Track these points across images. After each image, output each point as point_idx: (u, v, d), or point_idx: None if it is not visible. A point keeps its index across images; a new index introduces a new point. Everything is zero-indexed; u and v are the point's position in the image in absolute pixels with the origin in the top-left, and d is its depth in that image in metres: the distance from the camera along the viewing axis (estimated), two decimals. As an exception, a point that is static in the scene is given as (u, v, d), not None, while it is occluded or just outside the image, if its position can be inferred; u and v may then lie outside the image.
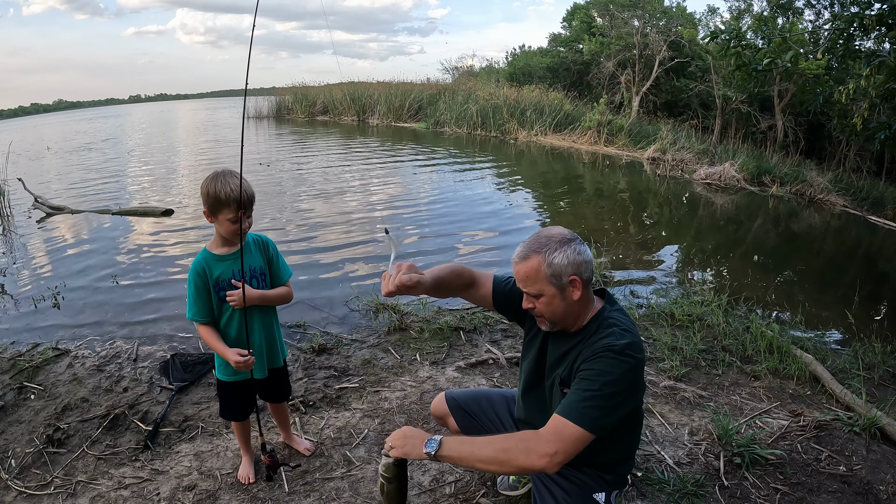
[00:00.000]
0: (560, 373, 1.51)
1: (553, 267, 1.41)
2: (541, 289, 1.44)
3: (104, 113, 43.65)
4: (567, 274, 1.42)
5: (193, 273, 1.85)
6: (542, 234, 1.47)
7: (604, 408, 1.34)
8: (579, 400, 1.35)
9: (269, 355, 2.02)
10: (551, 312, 1.47)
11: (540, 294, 1.44)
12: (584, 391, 1.36)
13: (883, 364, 3.28)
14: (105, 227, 6.38)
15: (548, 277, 1.42)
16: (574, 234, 1.47)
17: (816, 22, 13.14)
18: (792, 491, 2.09)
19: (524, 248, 1.46)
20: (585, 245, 1.46)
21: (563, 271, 1.41)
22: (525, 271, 1.44)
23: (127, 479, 2.15)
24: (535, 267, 1.42)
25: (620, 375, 1.36)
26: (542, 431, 1.34)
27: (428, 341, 3.37)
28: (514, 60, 23.19)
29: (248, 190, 1.82)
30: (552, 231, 1.47)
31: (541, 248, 1.43)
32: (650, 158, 12.01)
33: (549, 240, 1.44)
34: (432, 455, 1.36)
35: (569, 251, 1.42)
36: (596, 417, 1.33)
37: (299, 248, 5.55)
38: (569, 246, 1.43)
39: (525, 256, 1.45)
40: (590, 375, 1.37)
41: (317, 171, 10.04)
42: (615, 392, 1.35)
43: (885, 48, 4.60)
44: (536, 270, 1.42)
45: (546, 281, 1.42)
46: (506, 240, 5.91)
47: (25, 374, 2.96)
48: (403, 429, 1.46)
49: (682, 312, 3.76)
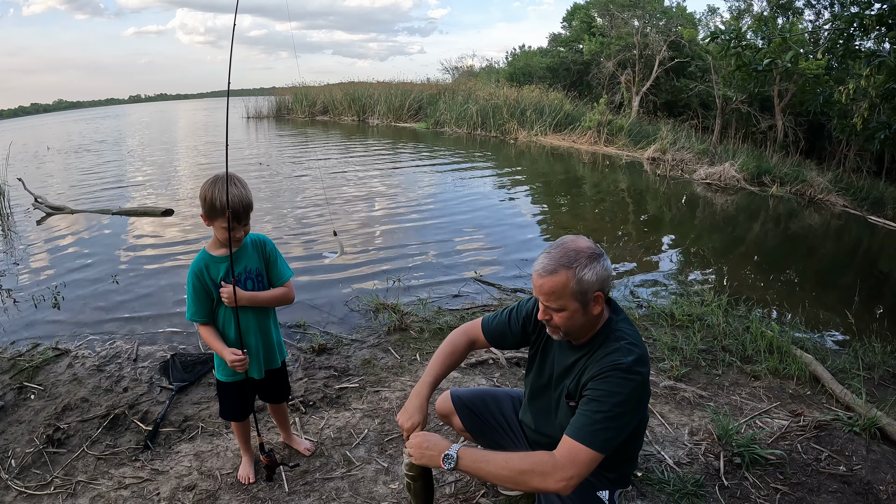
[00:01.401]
0: (567, 384, 1.51)
1: (582, 284, 1.37)
2: (564, 304, 1.40)
3: (104, 113, 43.64)
4: (593, 290, 1.39)
5: (192, 274, 1.86)
6: (570, 246, 1.41)
7: (614, 428, 1.35)
8: (590, 423, 1.35)
9: (265, 356, 2.02)
10: (569, 326, 1.44)
11: (562, 309, 1.41)
12: (594, 413, 1.36)
13: (883, 364, 3.28)
14: (105, 227, 6.38)
15: (574, 294, 1.38)
16: (599, 247, 1.44)
17: (816, 22, 13.16)
18: (792, 491, 2.09)
19: (551, 262, 1.40)
20: (608, 258, 1.44)
21: (590, 288, 1.38)
22: (551, 286, 1.39)
23: (127, 479, 2.15)
24: (562, 283, 1.38)
25: (629, 394, 1.37)
26: (557, 456, 1.35)
27: (428, 341, 3.37)
28: (514, 60, 23.20)
29: (244, 198, 1.79)
30: (580, 244, 1.41)
31: (570, 264, 1.37)
32: (650, 158, 12.02)
33: (579, 254, 1.38)
34: (450, 469, 1.38)
35: (598, 267, 1.38)
36: (607, 439, 1.35)
37: (299, 248, 5.55)
38: (598, 262, 1.38)
39: (553, 271, 1.39)
40: (599, 396, 1.37)
41: (317, 171, 10.04)
42: (624, 412, 1.36)
43: (885, 48, 4.60)
44: (564, 286, 1.38)
45: (571, 297, 1.38)
46: (505, 240, 5.91)
47: (25, 374, 2.96)
48: (421, 435, 1.45)
49: (682, 312, 3.76)
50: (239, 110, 23.26)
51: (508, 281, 4.56)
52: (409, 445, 1.44)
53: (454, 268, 4.94)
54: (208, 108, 38.34)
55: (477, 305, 3.98)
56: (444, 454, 1.38)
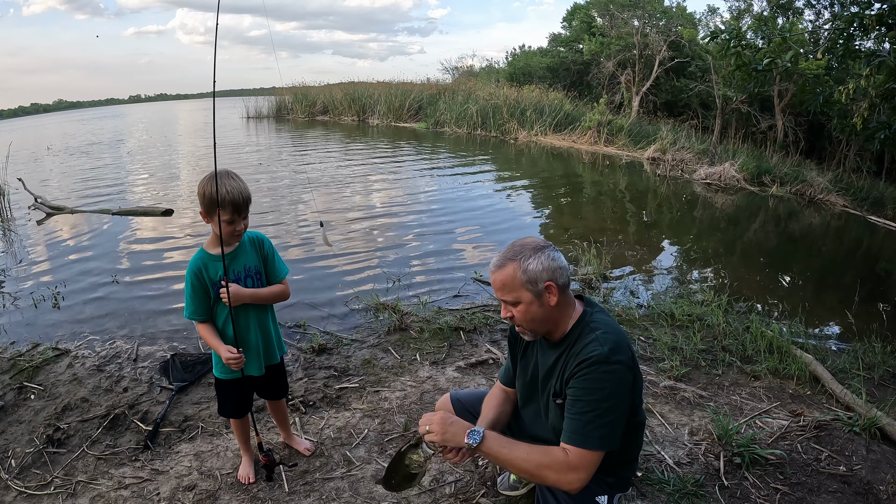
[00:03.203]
0: (553, 384, 1.53)
1: (528, 273, 1.44)
2: (517, 296, 1.47)
3: (104, 113, 43.62)
4: (542, 280, 1.45)
5: (190, 272, 1.86)
6: (517, 243, 1.51)
7: (608, 423, 1.39)
8: (583, 425, 1.38)
9: (265, 352, 2.03)
10: (529, 320, 1.49)
11: (517, 301, 1.47)
12: (583, 413, 1.38)
13: (883, 364, 3.28)
14: (105, 227, 6.38)
15: (524, 284, 1.45)
16: (547, 241, 1.52)
17: (816, 22, 13.14)
18: (792, 491, 2.09)
19: (499, 258, 1.50)
20: (559, 252, 1.51)
21: (538, 277, 1.44)
22: (501, 279, 1.48)
23: (127, 479, 2.15)
24: (510, 274, 1.46)
25: (613, 386, 1.39)
26: (571, 460, 1.38)
27: (428, 341, 3.37)
28: (514, 60, 23.20)
29: (244, 190, 1.82)
30: (526, 240, 1.52)
31: (515, 256, 1.47)
32: (650, 158, 12.01)
33: (524, 248, 1.48)
34: (472, 447, 1.41)
35: (542, 257, 1.46)
36: (604, 435, 1.38)
37: (299, 247, 5.55)
38: (542, 252, 1.46)
39: (500, 265, 1.48)
40: (583, 395, 1.40)
41: (316, 171, 10.03)
42: (613, 405, 1.39)
43: (885, 48, 4.60)
44: (512, 278, 1.46)
45: (522, 287, 1.45)
46: (505, 240, 5.88)
47: (25, 374, 2.96)
48: (441, 415, 1.48)
49: (682, 312, 3.76)
50: (239, 110, 23.27)
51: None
52: (431, 422, 1.46)
53: (454, 268, 4.94)
54: (208, 109, 38.27)
55: (477, 305, 3.98)
56: (469, 430, 1.42)
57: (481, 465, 2.23)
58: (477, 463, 2.24)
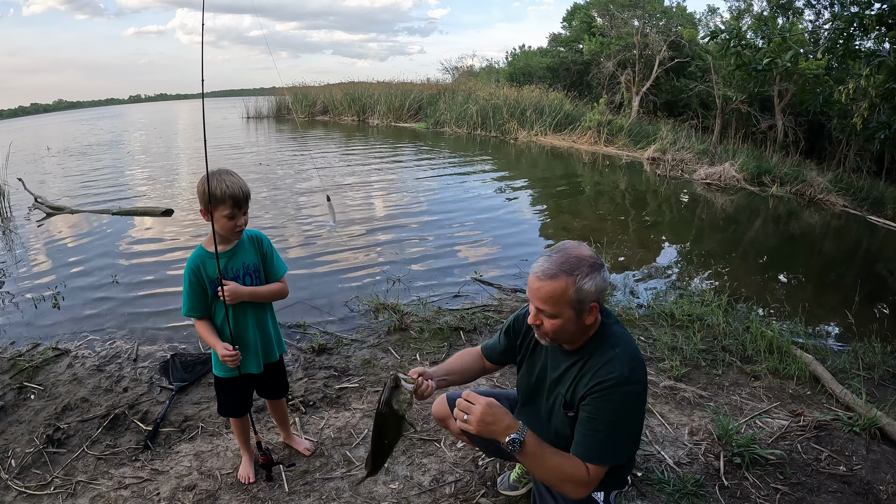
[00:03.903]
0: (563, 392, 1.48)
1: (580, 293, 1.34)
2: (559, 311, 1.36)
3: (104, 113, 43.61)
4: (590, 301, 1.36)
5: (188, 270, 1.87)
6: (572, 252, 1.38)
7: (626, 440, 1.40)
8: (600, 441, 1.37)
9: (264, 350, 2.03)
10: (558, 332, 1.41)
11: (556, 316, 1.37)
12: (603, 431, 1.37)
13: (883, 364, 3.28)
14: (105, 227, 6.38)
15: (571, 302, 1.35)
16: (599, 256, 1.42)
17: (816, 22, 13.14)
18: (792, 491, 2.09)
19: (551, 266, 1.36)
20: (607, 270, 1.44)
21: (587, 298, 1.35)
22: (549, 291, 1.35)
23: (127, 479, 2.15)
24: (560, 289, 1.34)
25: (634, 405, 1.40)
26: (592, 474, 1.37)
27: (428, 341, 3.37)
28: (514, 60, 23.19)
29: (243, 185, 1.84)
30: (582, 252, 1.38)
31: (572, 271, 1.34)
32: (650, 158, 12.01)
33: (580, 262, 1.36)
34: (510, 450, 1.35)
35: (598, 278, 1.36)
36: (620, 451, 1.39)
37: (299, 247, 5.55)
38: (598, 273, 1.36)
39: (552, 275, 1.35)
40: (604, 415, 1.37)
41: (316, 171, 10.03)
42: (632, 423, 1.41)
43: (885, 48, 4.60)
44: (562, 293, 1.34)
45: (567, 305, 1.35)
46: (505, 240, 5.91)
47: (25, 374, 2.96)
48: (488, 402, 1.34)
49: (682, 312, 3.76)
50: (239, 110, 23.27)
51: (508, 281, 4.56)
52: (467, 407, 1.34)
53: (454, 268, 4.94)
54: (208, 108, 38.28)
55: (477, 305, 3.98)
56: (510, 437, 1.32)
57: (481, 464, 2.23)
58: (477, 463, 2.24)
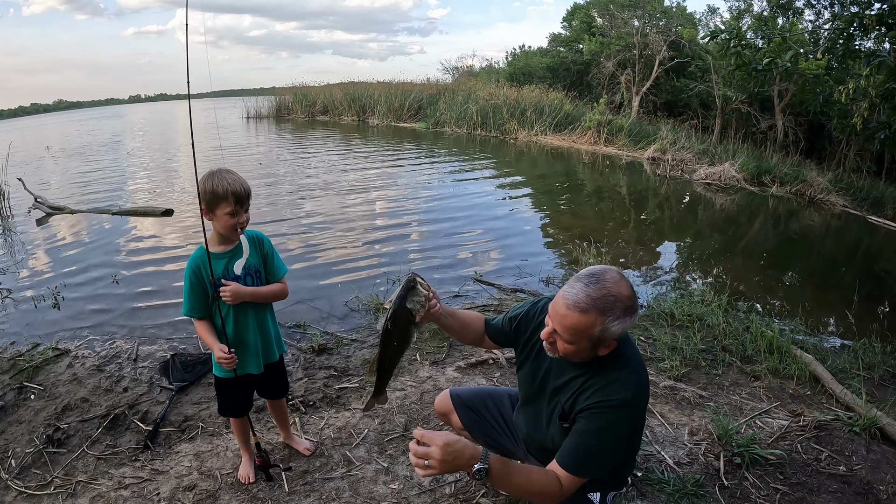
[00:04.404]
0: (562, 401, 1.47)
1: (605, 333, 1.30)
2: (576, 340, 1.32)
3: (104, 113, 43.61)
4: (611, 339, 1.33)
5: (189, 270, 1.87)
6: (611, 289, 1.29)
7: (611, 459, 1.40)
8: (587, 454, 1.37)
9: (264, 350, 2.03)
10: (568, 355, 1.38)
11: (571, 343, 1.33)
12: (593, 447, 1.36)
13: (883, 364, 3.28)
14: (105, 227, 6.38)
15: (592, 338, 1.31)
16: (637, 298, 1.36)
17: (816, 22, 13.14)
18: (792, 491, 2.09)
19: (586, 300, 1.28)
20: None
21: (610, 337, 1.31)
22: (574, 323, 1.29)
23: (127, 479, 2.15)
24: (587, 325, 1.29)
25: (626, 428, 1.38)
26: (564, 489, 1.36)
27: (428, 341, 3.37)
28: (514, 60, 23.19)
29: (244, 183, 1.84)
30: (621, 290, 1.30)
31: (605, 311, 1.28)
32: (650, 158, 12.02)
33: (616, 303, 1.28)
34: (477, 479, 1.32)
35: (627, 322, 1.30)
36: (603, 467, 1.39)
37: (299, 248, 5.55)
38: (630, 317, 1.31)
39: (584, 310, 1.28)
40: (598, 432, 1.36)
41: (316, 172, 10.03)
42: (622, 444, 1.40)
43: (885, 48, 4.60)
44: (588, 328, 1.29)
45: (587, 339, 1.31)
46: (505, 240, 5.91)
47: (25, 374, 2.96)
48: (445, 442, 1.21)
49: (682, 312, 3.76)
50: (239, 110, 23.26)
51: (508, 281, 4.56)
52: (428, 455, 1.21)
53: (454, 268, 4.94)
54: (207, 108, 38.27)
55: (477, 305, 3.97)
56: (475, 468, 1.24)
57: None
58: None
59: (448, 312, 1.62)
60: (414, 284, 1.43)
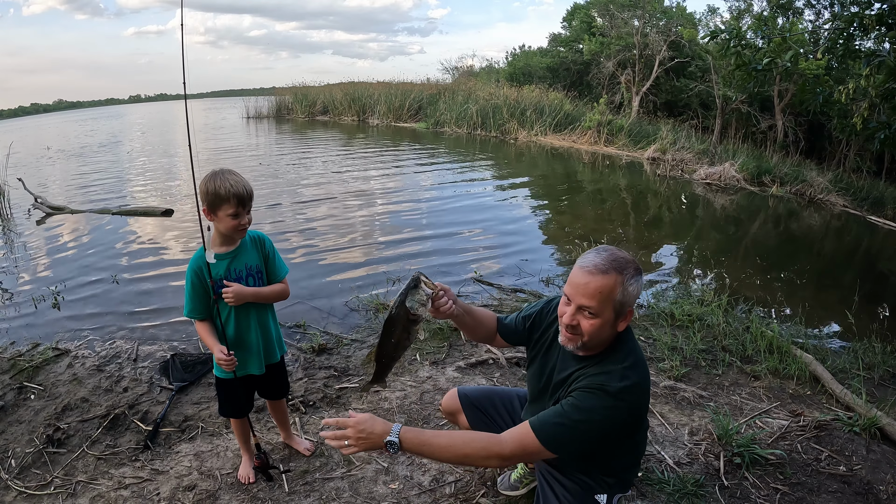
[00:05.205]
0: (562, 396, 1.48)
1: (626, 294, 1.35)
2: (602, 309, 1.35)
3: (104, 113, 43.62)
4: (630, 304, 1.37)
5: (191, 271, 1.87)
6: (617, 254, 1.38)
7: (574, 439, 1.36)
8: (554, 421, 1.35)
9: (265, 351, 2.03)
10: (593, 334, 1.38)
11: (597, 315, 1.35)
12: (563, 415, 1.35)
13: (883, 364, 3.28)
14: (105, 227, 6.38)
15: (615, 302, 1.34)
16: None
17: (816, 22, 13.14)
18: (792, 491, 2.09)
19: (604, 262, 1.35)
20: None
21: (629, 301, 1.36)
22: (598, 286, 1.33)
23: (127, 479, 2.15)
24: (611, 286, 1.33)
25: (604, 418, 1.35)
26: (505, 438, 1.36)
27: (428, 341, 3.37)
28: (514, 60, 23.21)
29: (246, 184, 1.84)
30: (625, 254, 1.39)
31: (621, 269, 1.34)
32: (650, 158, 12.02)
33: (627, 263, 1.36)
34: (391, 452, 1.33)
35: (640, 283, 1.37)
36: (561, 441, 1.36)
37: (300, 248, 5.55)
38: (640, 277, 1.38)
39: (604, 270, 1.33)
40: (575, 405, 1.35)
41: (317, 172, 10.03)
42: (591, 429, 1.36)
43: (885, 48, 4.61)
44: (611, 290, 1.33)
45: (611, 305, 1.35)
46: (505, 240, 5.91)
47: (25, 374, 2.96)
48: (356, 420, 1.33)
49: (682, 312, 3.76)
50: (239, 110, 23.28)
51: (508, 281, 4.56)
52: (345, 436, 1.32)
53: (454, 268, 4.94)
54: (207, 109, 38.29)
55: (477, 305, 3.97)
56: (386, 441, 1.31)
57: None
58: (477, 463, 2.24)
59: (465, 310, 1.62)
60: (416, 284, 1.44)
